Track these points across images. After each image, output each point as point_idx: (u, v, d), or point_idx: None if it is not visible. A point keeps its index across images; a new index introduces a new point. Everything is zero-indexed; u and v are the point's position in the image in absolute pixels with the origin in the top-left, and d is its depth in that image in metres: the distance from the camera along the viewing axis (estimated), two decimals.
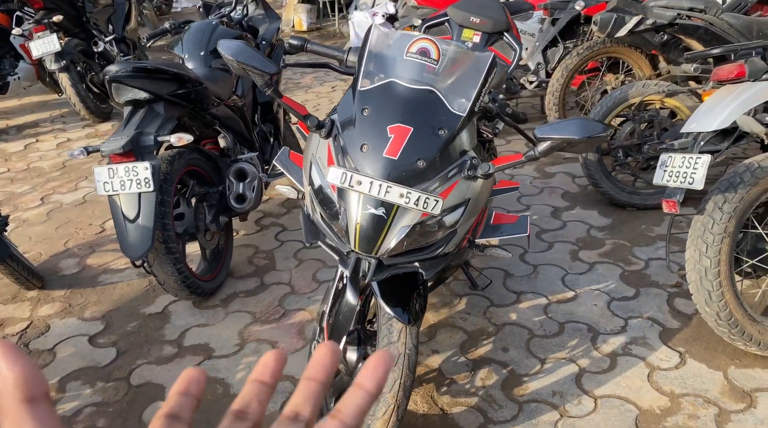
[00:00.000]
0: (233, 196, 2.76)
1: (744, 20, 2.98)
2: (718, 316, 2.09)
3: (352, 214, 1.55)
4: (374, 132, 1.54)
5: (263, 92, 3.32)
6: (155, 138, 2.32)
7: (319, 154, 1.63)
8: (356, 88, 1.62)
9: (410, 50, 1.60)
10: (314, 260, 3.04)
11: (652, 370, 2.19)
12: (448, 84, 1.59)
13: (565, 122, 1.43)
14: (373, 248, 1.56)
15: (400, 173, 1.51)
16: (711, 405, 2.02)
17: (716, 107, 2.03)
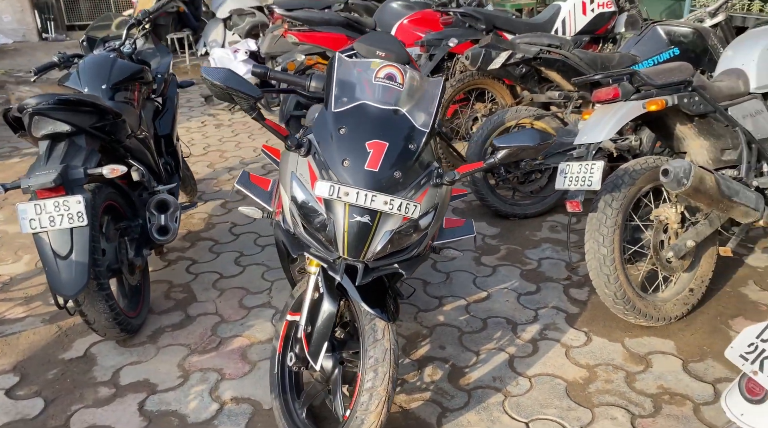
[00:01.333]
0: (155, 229, 2.71)
1: (590, 55, 3.59)
2: (615, 296, 2.50)
3: (339, 223, 1.69)
4: (354, 148, 1.71)
5: (163, 125, 3.31)
6: (85, 171, 2.25)
7: (300, 171, 1.75)
8: (329, 110, 1.78)
9: (378, 75, 1.80)
10: (237, 288, 3.05)
11: (568, 349, 2.54)
12: (412, 104, 1.81)
13: (518, 133, 1.71)
14: (360, 253, 1.71)
15: (381, 183, 1.69)
16: (619, 370, 2.40)
17: (600, 122, 2.47)
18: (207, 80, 1.64)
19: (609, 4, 4.39)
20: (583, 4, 4.36)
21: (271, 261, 3.32)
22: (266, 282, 3.12)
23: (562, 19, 4.36)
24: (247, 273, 3.20)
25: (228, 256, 3.39)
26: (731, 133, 2.64)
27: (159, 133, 3.29)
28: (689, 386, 2.30)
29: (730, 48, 2.96)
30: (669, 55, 3.59)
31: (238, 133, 5.73)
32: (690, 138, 2.71)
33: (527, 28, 4.29)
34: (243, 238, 3.60)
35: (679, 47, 3.57)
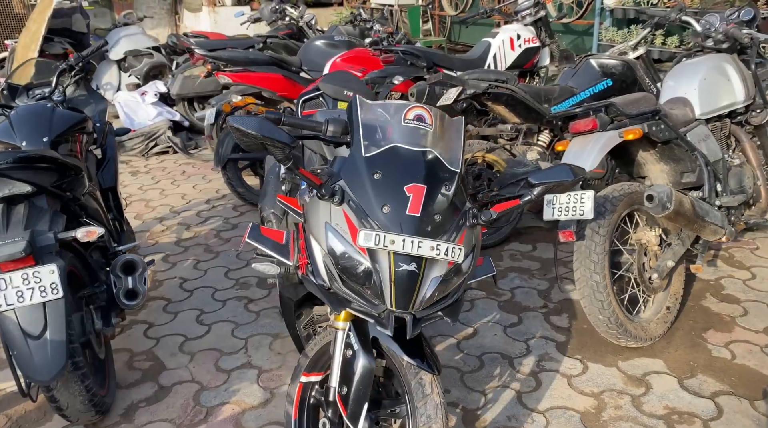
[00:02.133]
0: (123, 293, 2.43)
1: (533, 89, 3.72)
2: (609, 321, 2.55)
3: (385, 274, 1.59)
4: (392, 193, 1.62)
5: (107, 178, 3.03)
6: (55, 235, 1.98)
7: (336, 221, 1.63)
8: (358, 155, 1.68)
9: (407, 117, 1.73)
10: (208, 350, 2.80)
11: (569, 378, 2.55)
12: (441, 145, 1.75)
13: (553, 169, 1.70)
14: (409, 303, 1.61)
15: (425, 228, 1.61)
16: (623, 395, 2.44)
17: (583, 153, 2.55)
18: (238, 130, 1.50)
19: (534, 39, 4.62)
20: (510, 40, 4.55)
21: (236, 316, 3.10)
22: (239, 339, 2.89)
23: (493, 55, 4.52)
24: (214, 333, 2.96)
25: (187, 316, 3.12)
26: (690, 157, 2.82)
27: (103, 187, 3.00)
28: (692, 403, 2.38)
29: (669, 78, 3.18)
30: (603, 86, 3.80)
31: (159, 180, 5.39)
32: (651, 163, 2.86)
33: (463, 64, 4.40)
34: (198, 294, 3.34)
35: (612, 78, 3.78)
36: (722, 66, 3.11)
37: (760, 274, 3.32)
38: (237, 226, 4.25)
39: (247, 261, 3.71)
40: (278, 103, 4.70)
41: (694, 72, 3.09)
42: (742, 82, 3.10)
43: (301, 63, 5.19)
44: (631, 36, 5.11)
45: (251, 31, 8.49)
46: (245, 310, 3.15)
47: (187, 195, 4.95)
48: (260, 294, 3.31)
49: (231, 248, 3.90)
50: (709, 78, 3.05)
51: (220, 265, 3.66)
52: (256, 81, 4.33)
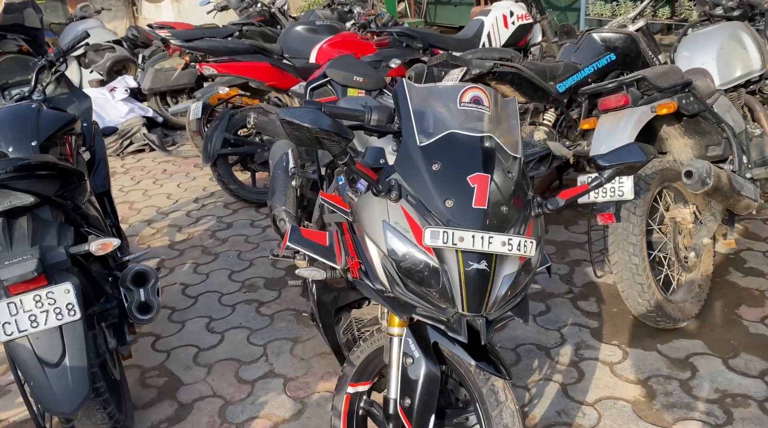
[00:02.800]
0: (135, 307, 2.23)
1: (538, 66, 3.59)
2: (649, 304, 2.45)
3: (454, 274, 1.44)
4: (455, 185, 1.47)
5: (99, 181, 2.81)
6: (67, 251, 1.78)
7: (395, 219, 1.47)
8: (412, 145, 1.52)
9: (463, 99, 1.57)
10: (225, 361, 2.62)
11: (611, 366, 2.45)
12: (500, 129, 1.60)
13: (621, 149, 1.57)
14: (481, 305, 1.46)
15: (493, 221, 1.47)
16: (671, 380, 2.35)
17: (617, 130, 2.43)
18: (291, 124, 1.32)
19: (526, 16, 4.49)
20: (504, 17, 4.41)
21: (249, 322, 2.91)
22: (256, 347, 2.71)
23: (487, 33, 4.37)
24: (228, 341, 2.77)
25: (196, 324, 2.93)
26: (716, 130, 2.73)
27: (96, 191, 2.77)
28: (742, 384, 2.30)
29: (684, 49, 3.09)
30: (606, 61, 3.70)
31: (140, 180, 5.12)
32: (674, 137, 2.76)
33: (458, 44, 4.25)
34: (204, 300, 3.14)
35: (615, 52, 3.68)
36: (738, 34, 3.03)
37: None
38: (232, 225, 4.04)
39: (251, 261, 3.52)
40: (266, 93, 4.49)
41: (710, 42, 3.00)
42: (758, 50, 3.03)
43: (283, 50, 4.96)
44: (619, 9, 5.03)
45: (219, 20, 8.19)
46: (257, 314, 2.97)
47: (172, 194, 4.70)
48: (270, 296, 3.12)
49: (230, 248, 3.70)
50: (726, 47, 2.97)
51: (222, 267, 3.46)
52: (243, 71, 4.10)
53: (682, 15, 4.64)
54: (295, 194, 2.79)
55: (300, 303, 3.03)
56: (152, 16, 11.22)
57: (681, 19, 4.66)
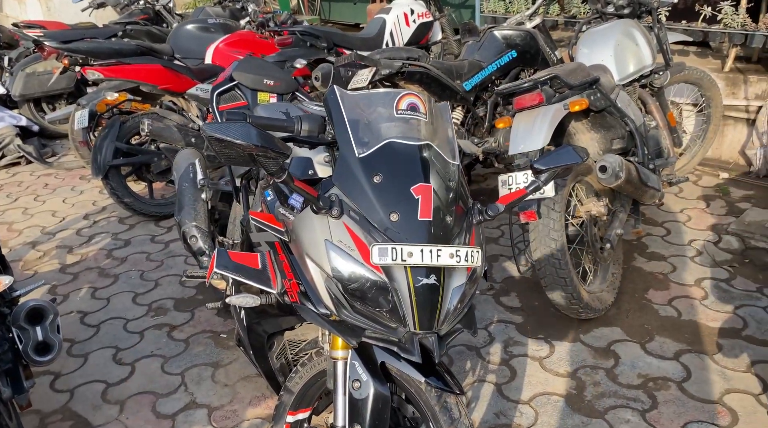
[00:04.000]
0: (32, 347, 1.97)
1: (444, 65, 3.59)
2: (572, 297, 2.51)
3: (404, 292, 1.36)
4: (398, 197, 1.39)
5: None
6: None
7: (338, 237, 1.37)
8: (350, 156, 1.42)
9: (399, 107, 1.49)
10: (139, 395, 2.40)
11: (540, 361, 2.48)
12: (436, 136, 1.54)
13: (557, 152, 1.56)
14: (433, 321, 1.40)
15: (438, 233, 1.40)
16: (597, 370, 2.42)
17: (532, 129, 2.45)
18: (221, 140, 1.18)
19: (427, 14, 4.50)
20: (405, 15, 4.39)
21: (161, 349, 2.69)
22: (173, 376, 2.51)
23: (389, 32, 4.33)
24: (140, 372, 2.54)
25: (100, 356, 2.66)
26: (620, 124, 2.84)
27: None
28: (660, 367, 2.41)
29: (583, 45, 3.19)
30: (508, 58, 3.77)
31: (18, 197, 4.63)
32: (581, 132, 2.85)
33: (361, 43, 4.17)
34: (107, 329, 2.86)
35: (516, 49, 3.76)
36: (630, 31, 3.17)
37: (673, 229, 3.48)
38: (130, 242, 3.74)
39: (155, 281, 3.26)
40: (158, 97, 4.18)
41: (606, 38, 3.12)
42: (648, 46, 3.19)
43: (173, 51, 4.66)
44: (512, 6, 5.16)
45: (96, 19, 7.62)
46: (170, 340, 2.75)
47: (57, 211, 4.29)
48: (182, 318, 2.91)
49: (131, 268, 3.41)
50: (622, 44, 3.10)
51: (124, 291, 3.18)
52: (133, 74, 3.79)
53: (570, 12, 4.84)
54: (206, 208, 2.60)
55: (216, 324, 2.84)
56: (16, 13, 10.25)
57: (570, 16, 4.86)
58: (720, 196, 3.87)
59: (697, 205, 3.75)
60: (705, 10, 4.12)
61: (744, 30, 3.96)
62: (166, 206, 4.03)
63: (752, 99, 4.11)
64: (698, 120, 4.12)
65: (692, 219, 3.58)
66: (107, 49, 4.35)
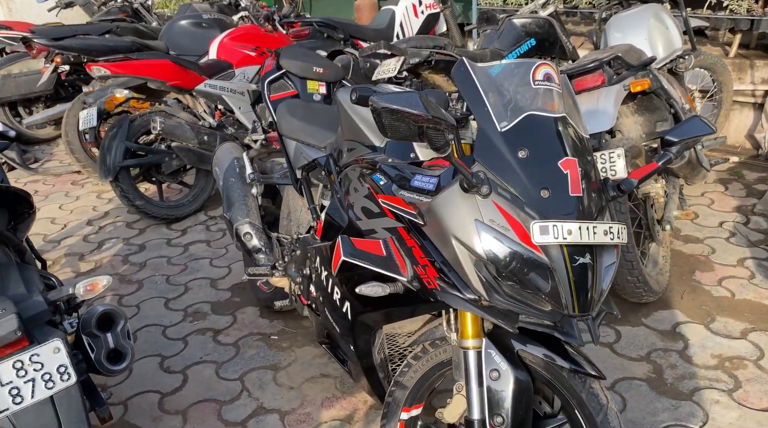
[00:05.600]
0: (104, 356, 1.80)
1: (468, 53, 3.54)
2: (637, 280, 2.48)
3: (562, 273, 1.28)
4: (547, 173, 1.31)
5: None
6: (46, 298, 1.37)
7: (490, 216, 1.28)
8: (492, 131, 1.34)
9: (536, 78, 1.41)
10: (200, 403, 2.24)
11: (610, 346, 2.44)
12: (569, 108, 1.47)
13: (686, 124, 1.51)
14: (589, 303, 1.33)
15: (589, 209, 1.34)
16: (670, 352, 2.39)
17: (596, 110, 2.41)
18: (396, 111, 1.09)
19: (434, 5, 4.43)
20: (413, 6, 4.31)
21: (210, 354, 2.54)
22: (231, 381, 2.36)
23: (399, 23, 4.25)
24: (194, 380, 2.39)
25: (147, 366, 2.49)
26: (665, 106, 2.83)
27: None
28: (732, 347, 2.40)
29: (615, 30, 3.18)
30: (527, 46, 3.74)
31: None
32: (625, 115, 2.82)
33: (375, 34, 4.08)
34: (145, 336, 2.69)
35: (535, 37, 3.73)
36: (660, 15, 3.17)
37: (702, 212, 3.51)
38: (145, 247, 3.54)
39: (184, 285, 3.09)
40: (162, 95, 3.99)
41: (639, 22, 3.11)
42: (677, 29, 3.20)
43: (168, 47, 4.47)
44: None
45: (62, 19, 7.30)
46: (218, 344, 2.59)
47: (57, 219, 4.04)
48: (224, 322, 2.75)
49: (154, 273, 3.23)
50: (654, 27, 3.10)
51: (153, 296, 3.00)
52: (142, 70, 3.59)
53: (572, 2, 4.85)
54: (257, 203, 2.47)
55: (262, 326, 2.70)
56: None
57: (571, 6, 4.87)
58: (735, 178, 3.93)
59: (716, 189, 3.79)
60: None
61: (751, 15, 4.03)
62: (177, 208, 3.84)
63: (759, 83, 4.19)
64: (706, 106, 4.19)
65: (715, 202, 3.62)
66: (102, 46, 4.14)
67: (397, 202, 1.46)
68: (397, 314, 1.61)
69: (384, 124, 1.14)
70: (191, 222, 3.85)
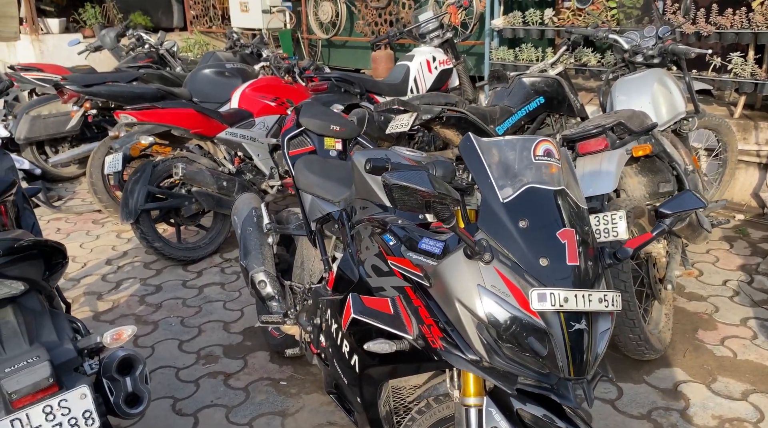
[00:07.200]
0: (123, 399, 1.89)
1: (479, 110, 3.68)
2: (639, 338, 2.54)
3: (559, 338, 1.37)
4: (546, 242, 1.41)
5: None
6: (76, 346, 1.47)
7: (491, 282, 1.37)
8: (494, 202, 1.44)
9: (537, 153, 1.52)
10: None
11: (611, 403, 2.48)
12: (569, 181, 1.57)
13: (680, 197, 1.62)
14: (584, 367, 1.41)
15: (585, 277, 1.43)
16: (671, 411, 2.43)
17: (599, 173, 2.52)
18: (405, 188, 1.20)
19: (448, 61, 4.61)
20: (427, 62, 4.49)
21: (221, 398, 2.61)
22: (240, 426, 2.43)
23: (413, 78, 4.42)
24: (205, 423, 2.45)
25: (159, 407, 2.56)
26: (667, 168, 2.93)
27: None
28: (732, 408, 2.44)
29: (620, 93, 3.31)
30: (536, 104, 3.88)
31: None
32: (629, 176, 2.93)
33: (390, 89, 4.25)
34: (159, 377, 2.77)
35: (544, 95, 3.88)
36: (664, 79, 3.31)
37: (705, 270, 3.57)
38: (162, 288, 3.65)
39: (198, 327, 3.18)
40: (184, 141, 4.16)
41: (643, 86, 3.24)
42: (680, 93, 3.33)
43: (191, 95, 4.67)
44: (522, 54, 5.33)
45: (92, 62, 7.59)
46: (228, 388, 2.67)
47: (77, 257, 4.17)
48: (235, 366, 2.83)
49: (169, 314, 3.33)
50: (658, 91, 3.23)
51: (168, 338, 3.09)
52: (167, 118, 3.77)
53: (582, 61, 5.02)
54: (272, 252, 2.58)
55: (272, 371, 2.78)
56: (4, 56, 10.12)
57: (581, 64, 5.04)
58: (740, 236, 3.99)
59: (721, 246, 3.86)
60: (715, 61, 4.32)
61: (754, 79, 4.16)
62: (194, 250, 3.96)
63: (763, 144, 4.30)
64: (712, 164, 4.28)
65: (720, 259, 3.69)
66: (129, 93, 4.36)
67: (405, 263, 1.56)
68: (402, 369, 1.70)
69: (395, 197, 1.25)
70: (207, 264, 3.97)
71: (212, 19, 9.66)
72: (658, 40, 3.42)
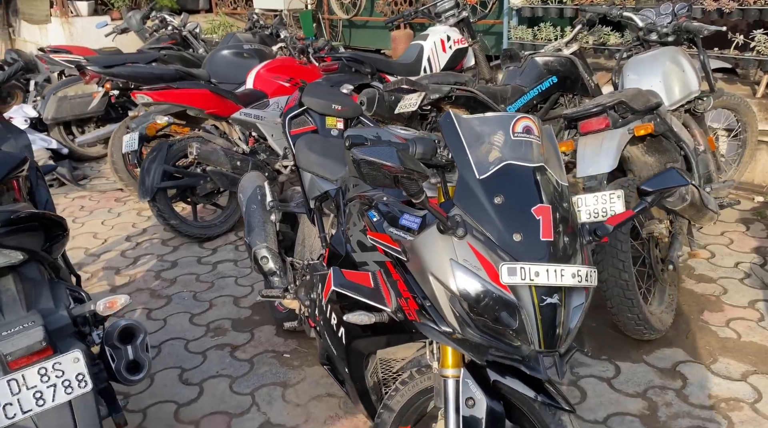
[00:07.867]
0: (124, 366, 1.98)
1: (489, 90, 3.67)
2: (637, 318, 2.54)
3: (530, 311, 1.39)
4: (521, 218, 1.43)
5: None
6: (70, 313, 1.55)
7: (464, 257, 1.40)
8: (471, 178, 1.47)
9: (515, 130, 1.54)
10: (212, 415, 2.41)
11: (608, 381, 2.50)
12: (548, 158, 1.59)
13: (662, 175, 1.61)
14: (556, 341, 1.43)
15: (558, 253, 1.45)
16: (667, 390, 2.44)
17: (599, 152, 2.51)
18: (371, 163, 1.24)
19: (462, 40, 4.59)
20: (441, 41, 4.48)
21: (226, 369, 2.70)
22: (243, 396, 2.52)
23: (427, 58, 4.42)
24: (209, 392, 2.55)
25: (166, 376, 2.67)
26: (675, 148, 2.90)
27: None
28: (730, 388, 2.43)
29: (631, 72, 3.26)
30: (549, 83, 3.85)
31: None
32: (636, 157, 2.90)
33: (402, 69, 4.26)
34: (168, 349, 2.88)
35: (557, 75, 3.84)
36: (677, 58, 3.24)
37: (718, 252, 3.53)
38: (177, 264, 3.76)
39: (209, 301, 3.28)
40: (201, 121, 4.25)
41: (655, 65, 3.19)
42: (694, 72, 3.27)
43: (209, 76, 4.74)
44: (540, 33, 5.27)
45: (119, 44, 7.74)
46: (234, 360, 2.76)
47: (98, 233, 4.31)
48: (242, 338, 2.92)
49: (182, 289, 3.43)
50: (670, 70, 3.17)
51: (180, 311, 3.20)
52: (182, 98, 3.85)
53: (600, 40, 4.94)
54: (275, 229, 2.64)
55: (277, 344, 2.86)
56: (35, 38, 10.39)
57: (600, 44, 4.96)
58: (758, 219, 3.92)
59: (737, 228, 3.80)
60: (738, 38, 4.22)
61: None
62: (210, 228, 4.06)
63: None
64: (731, 145, 4.20)
65: (734, 241, 3.63)
66: (148, 74, 4.45)
67: (385, 239, 1.60)
68: (384, 341, 1.74)
69: (363, 172, 1.29)
70: (222, 241, 4.06)
71: (236, 0, 9.74)
72: (674, 17, 3.35)
